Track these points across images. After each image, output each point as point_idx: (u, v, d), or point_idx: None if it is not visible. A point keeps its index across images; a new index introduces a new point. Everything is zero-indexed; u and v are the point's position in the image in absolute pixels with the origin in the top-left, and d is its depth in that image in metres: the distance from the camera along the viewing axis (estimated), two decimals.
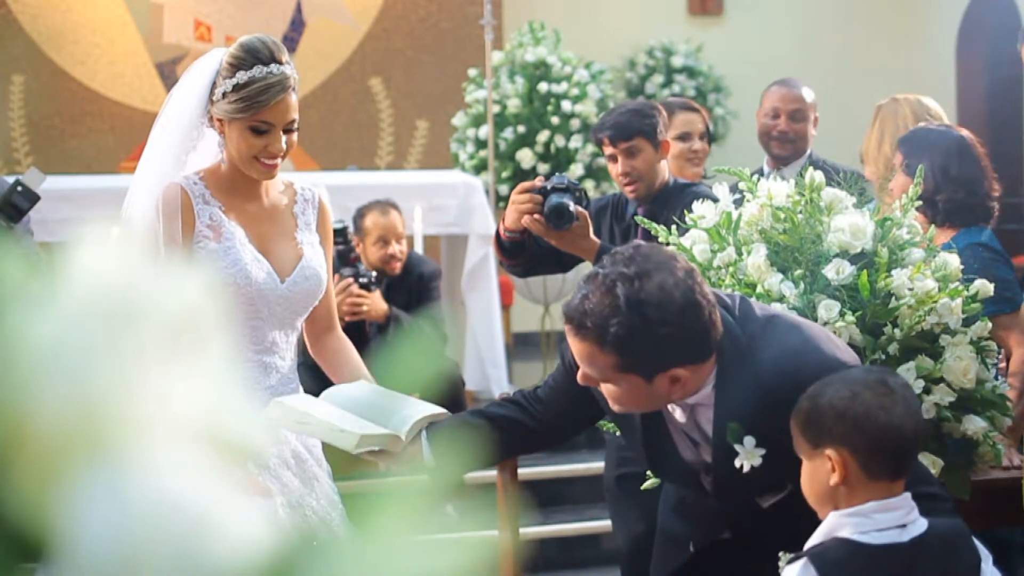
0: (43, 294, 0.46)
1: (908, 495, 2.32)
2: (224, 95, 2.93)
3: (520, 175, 7.85)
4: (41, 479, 0.45)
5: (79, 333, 0.46)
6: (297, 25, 9.56)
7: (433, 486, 0.49)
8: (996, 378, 3.16)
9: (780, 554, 2.59)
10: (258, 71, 2.91)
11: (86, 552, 0.43)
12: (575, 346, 2.42)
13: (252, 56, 2.93)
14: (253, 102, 2.90)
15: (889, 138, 4.29)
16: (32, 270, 0.48)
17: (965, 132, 3.96)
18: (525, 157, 7.91)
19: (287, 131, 2.95)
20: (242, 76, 2.91)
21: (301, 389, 3.03)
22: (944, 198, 3.74)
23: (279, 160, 2.96)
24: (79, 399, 0.45)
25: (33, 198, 3.11)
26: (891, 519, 2.28)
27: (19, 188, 3.08)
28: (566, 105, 7.99)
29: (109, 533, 0.43)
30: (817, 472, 2.30)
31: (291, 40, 9.43)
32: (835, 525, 2.30)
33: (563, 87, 8.04)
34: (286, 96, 2.93)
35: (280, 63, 2.94)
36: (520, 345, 8.59)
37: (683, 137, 4.61)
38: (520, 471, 3.43)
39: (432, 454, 2.71)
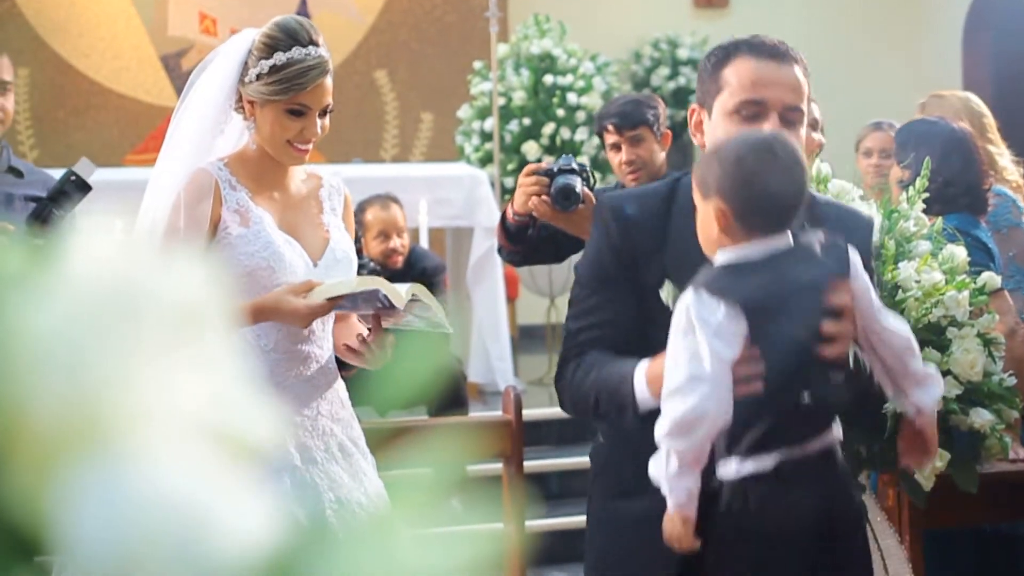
0: (43, 283, 0.46)
1: (789, 235, 2.42)
2: (259, 76, 2.81)
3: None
4: (40, 474, 0.44)
5: (79, 325, 0.45)
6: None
7: (437, 480, 0.48)
8: None
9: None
10: (297, 52, 2.80)
11: (85, 548, 0.42)
12: (783, 77, 2.55)
13: (290, 37, 2.81)
14: (292, 84, 2.79)
15: None
16: (34, 262, 0.47)
17: (961, 125, 4.05)
18: (531, 149, 7.91)
19: (321, 115, 2.85)
20: (280, 57, 2.79)
21: (341, 380, 2.95)
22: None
23: (311, 145, 2.86)
24: (78, 393, 0.44)
25: (84, 188, 3.12)
26: (773, 245, 2.40)
27: (73, 178, 3.09)
28: (571, 97, 7.99)
29: (108, 529, 0.42)
30: (707, 218, 2.43)
31: None
32: (718, 258, 2.43)
33: (568, 79, 8.04)
34: (324, 79, 2.84)
35: (318, 45, 2.84)
36: (525, 338, 8.58)
37: (867, 153, 4.77)
38: (526, 464, 3.42)
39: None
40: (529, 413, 4.89)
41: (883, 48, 10.52)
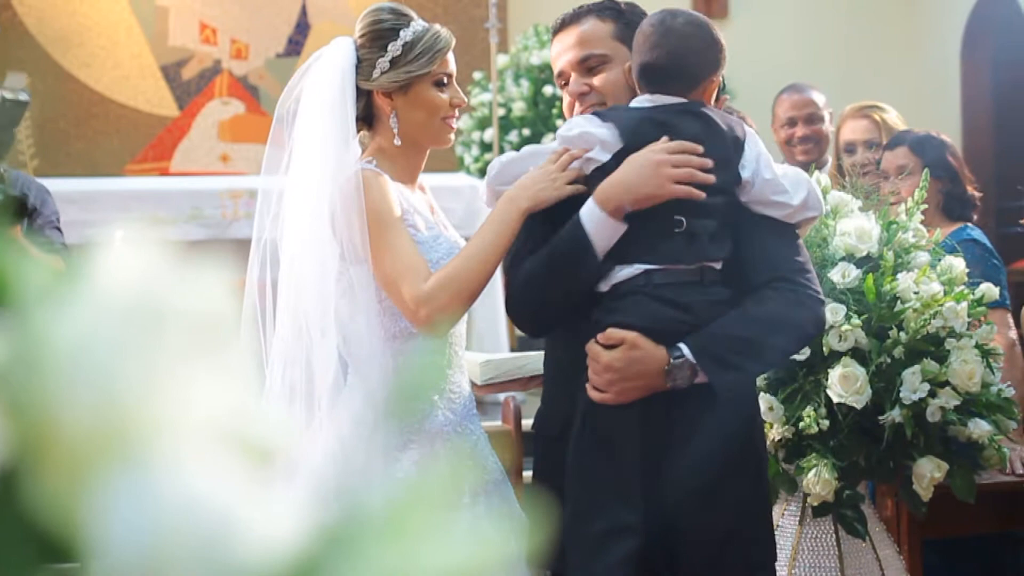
0: (68, 294, 0.47)
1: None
2: (393, 62, 2.65)
3: None
4: (67, 480, 0.45)
5: (105, 334, 0.46)
6: (302, 28, 9.57)
7: (451, 482, 0.49)
8: None
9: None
10: (418, 25, 2.68)
11: (112, 554, 0.43)
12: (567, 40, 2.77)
13: (403, 16, 2.70)
14: (435, 52, 2.66)
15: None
16: (57, 269, 0.48)
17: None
18: None
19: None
20: (407, 34, 2.66)
21: None
22: (961, 192, 3.96)
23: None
24: (105, 400, 0.45)
25: (21, 105, 3.00)
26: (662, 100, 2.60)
27: (7, 96, 2.99)
28: None
29: (135, 535, 0.43)
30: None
31: (296, 43, 9.44)
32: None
33: None
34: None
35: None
36: (525, 348, 8.57)
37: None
38: (525, 473, 3.43)
39: None
40: (529, 423, 4.89)
41: (883, 56, 10.54)
